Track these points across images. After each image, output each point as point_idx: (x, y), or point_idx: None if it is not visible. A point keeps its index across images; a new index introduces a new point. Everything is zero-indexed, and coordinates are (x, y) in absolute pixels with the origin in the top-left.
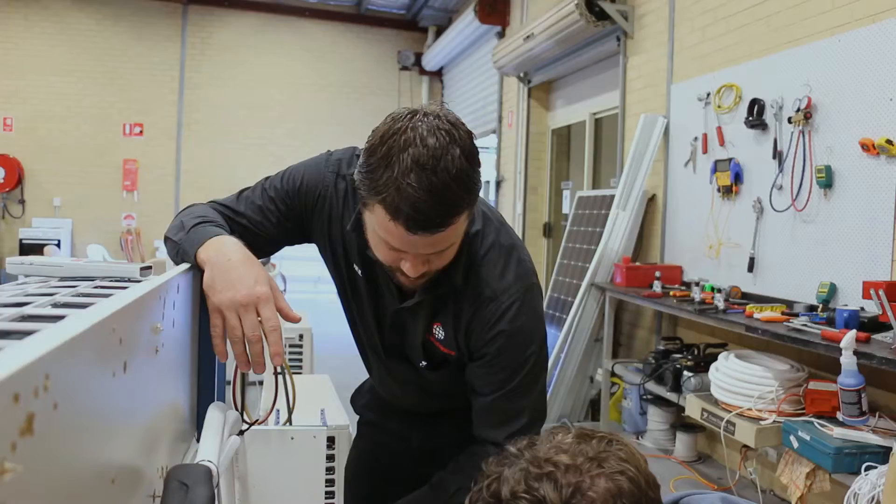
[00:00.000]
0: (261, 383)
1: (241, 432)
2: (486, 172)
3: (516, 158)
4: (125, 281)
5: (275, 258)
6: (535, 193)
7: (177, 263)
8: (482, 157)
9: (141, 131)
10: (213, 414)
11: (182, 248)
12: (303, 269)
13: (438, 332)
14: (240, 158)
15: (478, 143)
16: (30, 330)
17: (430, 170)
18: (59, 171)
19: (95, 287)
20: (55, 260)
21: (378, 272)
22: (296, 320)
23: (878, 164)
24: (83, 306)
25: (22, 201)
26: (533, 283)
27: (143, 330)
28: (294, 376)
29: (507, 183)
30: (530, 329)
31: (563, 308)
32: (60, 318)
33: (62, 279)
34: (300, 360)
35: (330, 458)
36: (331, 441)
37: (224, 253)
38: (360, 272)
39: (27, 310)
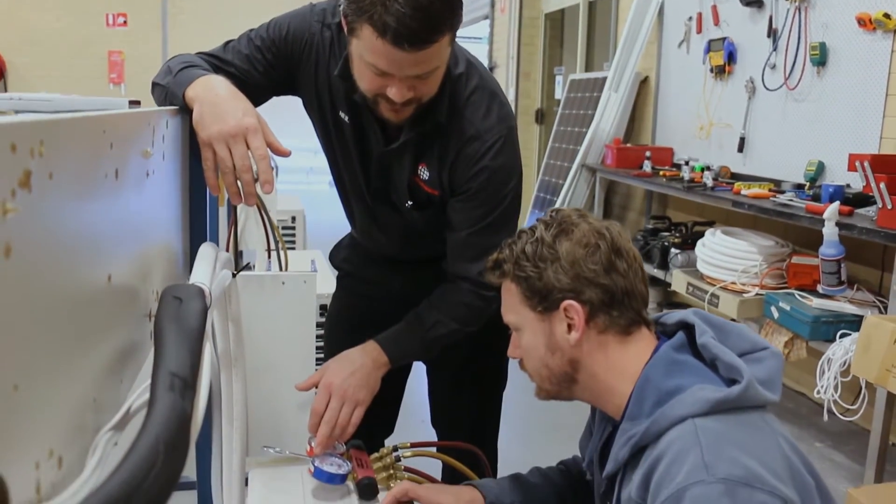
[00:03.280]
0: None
1: (233, 275)
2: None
3: (509, 44)
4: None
5: None
6: (527, 79)
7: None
8: (473, 47)
9: (125, 21)
10: (205, 249)
11: (170, 90)
12: (295, 160)
13: (423, 173)
14: None
15: (469, 31)
16: None
17: None
18: (42, 63)
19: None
20: (44, 95)
21: (364, 117)
22: (285, 154)
23: (874, 40)
24: None
25: None
26: (513, 126)
27: (134, 148)
28: (287, 251)
29: (499, 69)
30: (510, 167)
31: (553, 191)
32: None
33: (51, 113)
34: (293, 240)
35: (320, 325)
36: (322, 308)
37: (212, 89)
38: (346, 118)
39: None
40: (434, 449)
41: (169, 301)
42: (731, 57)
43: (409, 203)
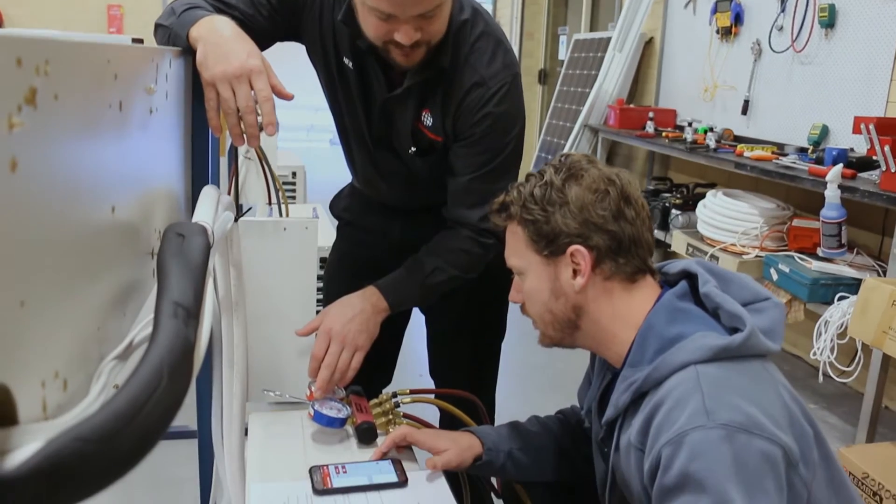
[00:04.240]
0: None
1: (235, 219)
2: None
3: (513, 3)
4: None
5: None
6: (531, 39)
7: None
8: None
9: None
10: (208, 190)
11: (173, 31)
12: (295, 118)
13: (427, 119)
14: None
15: None
16: None
17: None
18: (39, 17)
19: None
20: (45, 31)
21: (368, 63)
22: (288, 97)
23: (884, 1)
24: None
25: None
26: (518, 73)
27: (137, 82)
28: (289, 205)
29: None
30: (514, 114)
31: (555, 151)
32: None
33: None
34: (293, 195)
35: (320, 278)
36: (323, 261)
37: (216, 30)
38: (350, 64)
39: None
40: (433, 396)
41: (172, 237)
42: (738, 18)
43: (413, 150)
